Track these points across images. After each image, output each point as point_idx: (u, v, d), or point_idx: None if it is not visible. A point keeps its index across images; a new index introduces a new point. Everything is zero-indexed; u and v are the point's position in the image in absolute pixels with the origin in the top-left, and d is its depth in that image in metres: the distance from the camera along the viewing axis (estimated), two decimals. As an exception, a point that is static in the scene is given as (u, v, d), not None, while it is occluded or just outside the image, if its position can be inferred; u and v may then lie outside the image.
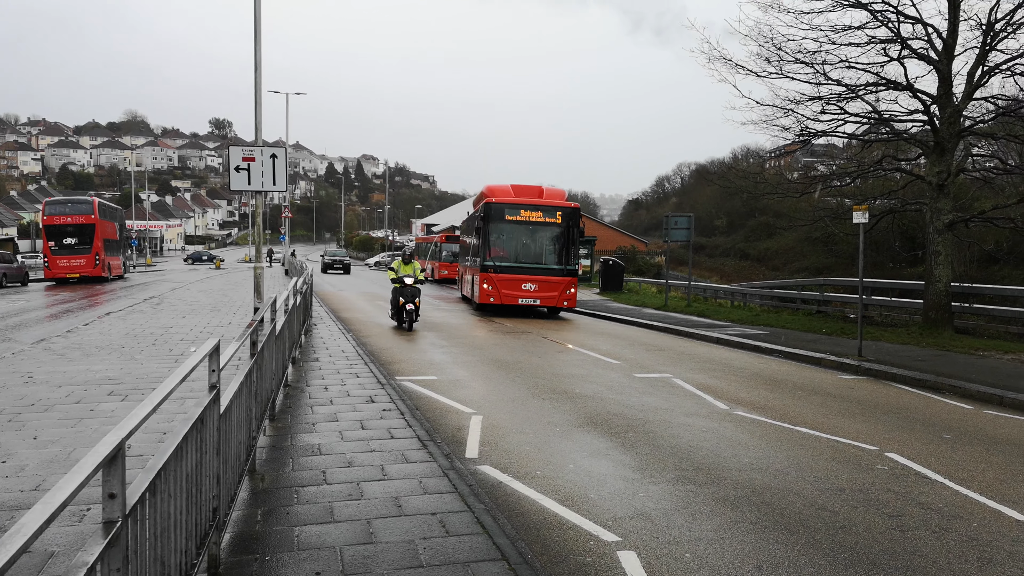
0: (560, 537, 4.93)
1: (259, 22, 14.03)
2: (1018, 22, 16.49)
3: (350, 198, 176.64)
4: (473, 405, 8.94)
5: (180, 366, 3.43)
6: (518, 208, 21.22)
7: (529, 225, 21.32)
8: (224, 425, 4.20)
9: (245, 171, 12.98)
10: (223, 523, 4.26)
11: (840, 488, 6.19)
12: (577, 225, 21.41)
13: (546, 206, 21.44)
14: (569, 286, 21.17)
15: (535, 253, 21.66)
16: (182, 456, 3.22)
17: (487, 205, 21.35)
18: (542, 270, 21.24)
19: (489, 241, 21.17)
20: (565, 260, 21.40)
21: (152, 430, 6.75)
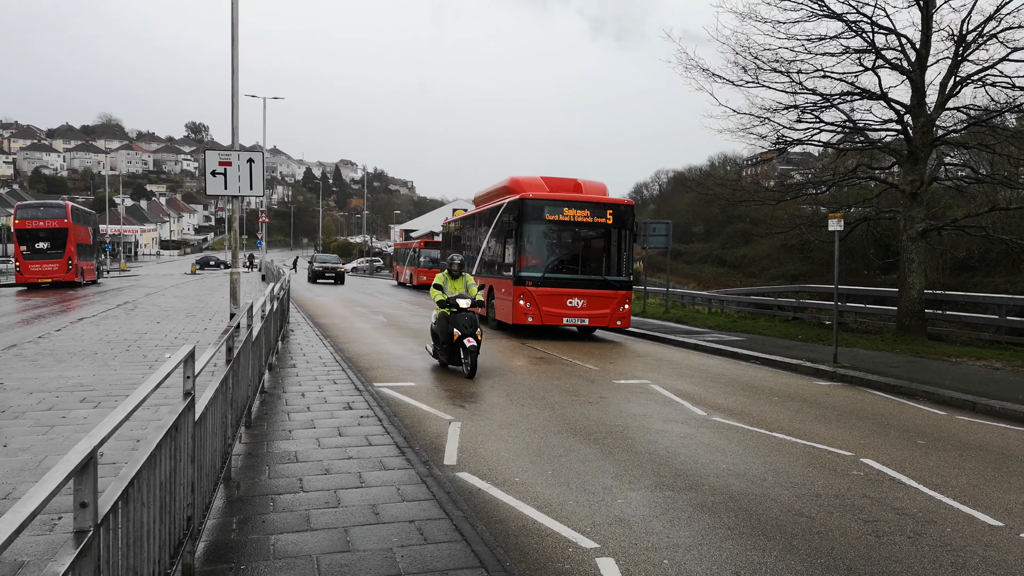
0: (539, 544, 4.92)
1: (236, 26, 13.95)
2: (989, 33, 16.79)
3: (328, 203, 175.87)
4: (451, 412, 8.91)
5: (154, 373, 3.38)
6: (560, 205, 17.28)
7: (575, 226, 17.58)
8: (199, 432, 4.15)
9: (222, 175, 12.88)
10: (198, 532, 4.21)
11: (816, 494, 6.23)
12: (631, 226, 17.77)
13: (594, 203, 17.59)
14: (623, 301, 17.51)
15: (582, 261, 18.19)
16: (156, 464, 3.17)
17: (521, 202, 17.35)
18: (591, 282, 17.48)
19: (524, 246, 17.26)
20: (618, 268, 17.75)
21: (125, 437, 6.65)
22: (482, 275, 20.67)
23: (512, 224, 17.69)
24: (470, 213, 24.65)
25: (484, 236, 21.09)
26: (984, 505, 6.12)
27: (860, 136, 19.74)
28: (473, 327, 11.23)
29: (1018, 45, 16.49)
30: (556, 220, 17.33)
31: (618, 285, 17.54)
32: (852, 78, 18.59)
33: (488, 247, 20.48)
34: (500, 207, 19.24)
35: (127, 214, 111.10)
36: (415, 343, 15.72)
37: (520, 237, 17.29)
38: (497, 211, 19.51)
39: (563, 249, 18.14)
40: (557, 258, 17.85)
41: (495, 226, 19.85)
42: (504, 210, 18.78)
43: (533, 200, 17.35)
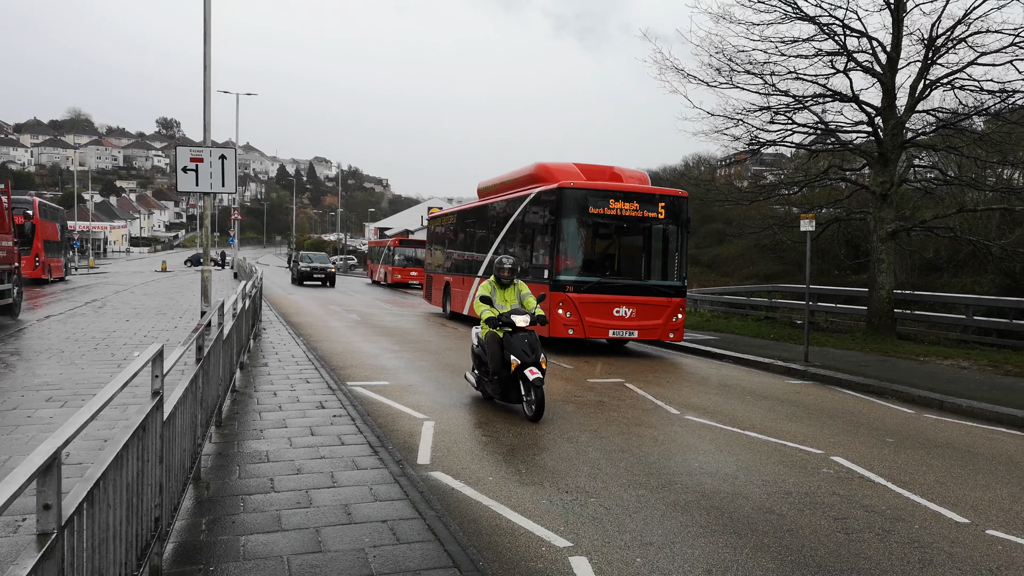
0: (512, 543, 4.92)
1: (209, 20, 13.78)
2: (958, 37, 17.06)
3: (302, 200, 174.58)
4: (425, 411, 8.88)
5: (122, 372, 3.33)
6: (606, 197, 14.73)
7: (622, 222, 14.98)
8: (167, 432, 4.09)
9: (193, 172, 12.72)
10: (166, 533, 4.15)
11: (787, 491, 6.29)
12: (686, 221, 15.52)
13: (645, 194, 15.19)
14: (677, 310, 15.08)
15: (630, 263, 15.87)
16: (122, 465, 3.12)
17: (560, 192, 14.73)
18: (641, 288, 15.06)
19: (563, 245, 14.66)
20: (671, 272, 15.35)
21: (92, 437, 6.55)
22: (461, 274, 19.72)
23: (546, 218, 15.23)
24: (472, 205, 21.71)
25: (498, 232, 18.36)
26: (951, 502, 6.21)
27: (832, 138, 19.98)
28: (535, 353, 8.64)
29: (986, 49, 16.78)
30: (601, 214, 14.69)
31: (672, 291, 15.13)
32: (824, 80, 18.81)
33: (504, 246, 17.86)
34: (525, 198, 16.61)
35: (96, 210, 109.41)
36: (389, 342, 15.65)
37: (557, 234, 14.67)
38: (520, 203, 16.89)
39: (609, 249, 15.96)
40: (602, 259, 15.62)
41: (517, 221, 17.12)
42: (532, 202, 16.21)
43: (575, 190, 14.68)
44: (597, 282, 14.76)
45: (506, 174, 19.74)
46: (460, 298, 20.96)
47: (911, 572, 4.72)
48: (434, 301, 24.32)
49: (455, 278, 22.00)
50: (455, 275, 22.05)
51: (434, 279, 24.56)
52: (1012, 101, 17.02)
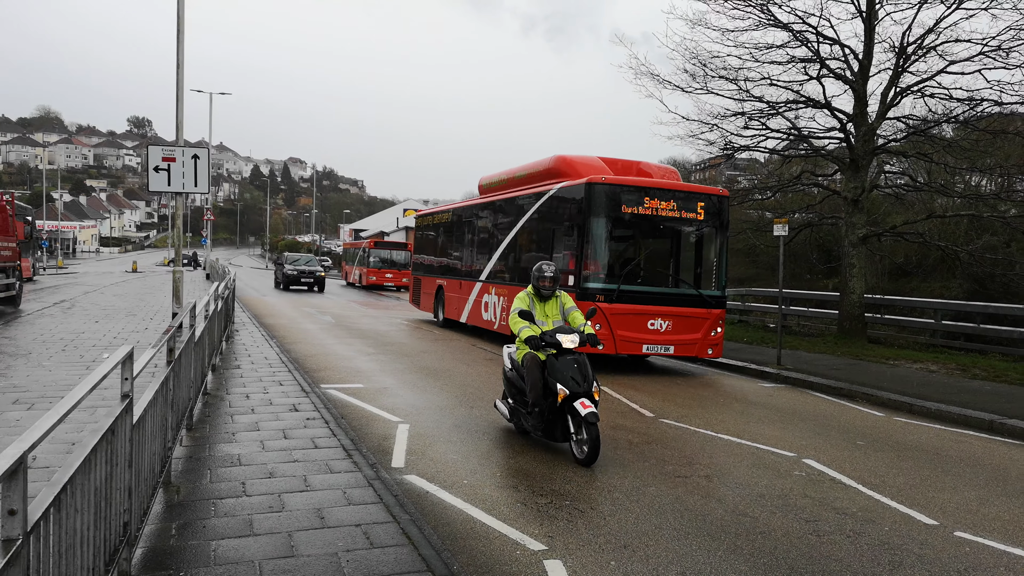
0: (487, 547, 4.90)
1: (182, 19, 13.63)
2: (928, 46, 17.34)
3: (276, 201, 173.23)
4: (400, 413, 8.84)
5: (91, 374, 3.27)
6: (640, 194, 13.04)
7: (658, 222, 13.34)
8: (137, 436, 4.03)
9: (165, 171, 12.57)
10: (135, 538, 4.09)
11: (760, 494, 6.34)
12: (726, 223, 13.99)
13: (683, 192, 13.59)
14: (716, 323, 13.48)
15: (665, 269, 14.36)
16: (90, 469, 3.07)
17: (589, 189, 12.98)
18: (678, 298, 13.47)
19: (591, 248, 12.96)
20: (711, 279, 13.82)
21: (60, 440, 6.44)
22: (503, 282, 16.51)
23: (570, 217, 13.69)
24: (473, 202, 19.60)
25: (506, 233, 16.64)
26: (920, 504, 6.30)
27: (804, 143, 20.20)
28: (587, 381, 7.14)
29: (955, 58, 17.07)
30: (635, 213, 13.03)
31: (712, 302, 13.54)
32: (797, 87, 19.03)
33: (514, 247, 16.21)
34: (542, 195, 15.00)
35: (65, 210, 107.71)
36: (364, 344, 15.57)
37: (585, 235, 12.98)
38: (536, 200, 15.27)
39: (642, 253, 14.46)
40: (635, 265, 14.00)
41: (532, 220, 15.47)
42: (552, 199, 14.57)
43: (606, 186, 12.97)
44: (631, 291, 13.00)
45: (515, 168, 17.82)
46: (456, 304, 19.22)
47: (881, 574, 4.78)
48: (423, 306, 22.56)
49: (450, 282, 20.14)
50: (450, 279, 20.18)
51: (423, 283, 22.67)
52: (980, 109, 17.33)
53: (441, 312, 20.67)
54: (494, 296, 16.86)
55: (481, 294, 17.62)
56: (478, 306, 17.76)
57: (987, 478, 7.30)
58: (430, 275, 22.14)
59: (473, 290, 18.12)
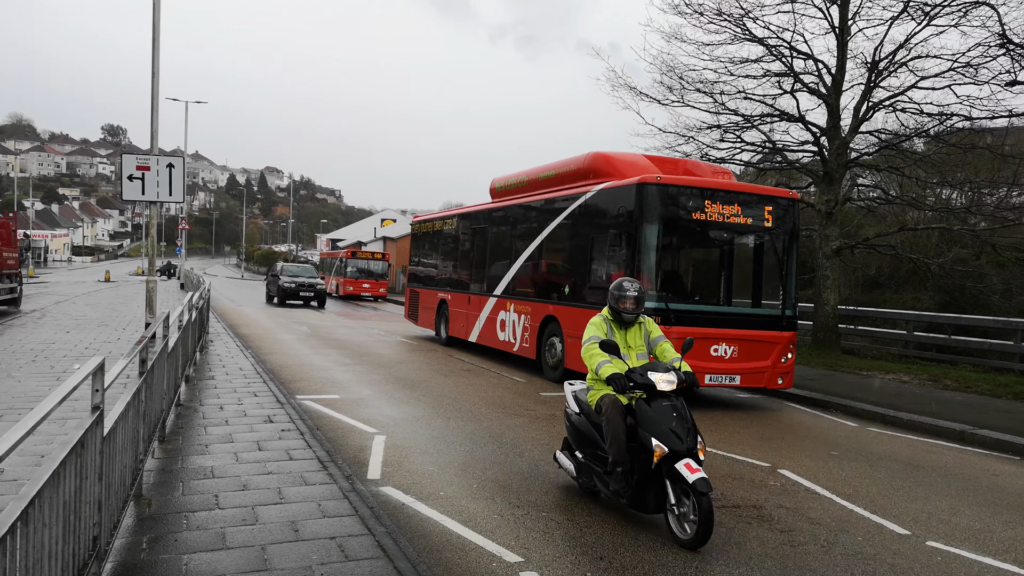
0: (463, 559, 4.88)
1: (158, 28, 13.54)
2: (900, 62, 17.64)
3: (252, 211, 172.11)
4: (376, 425, 8.79)
5: (61, 385, 3.23)
6: (701, 197, 11.11)
7: (721, 230, 11.73)
8: (108, 448, 3.97)
9: (139, 180, 12.45)
10: (104, 552, 4.02)
11: (735, 504, 6.37)
12: (795, 232, 12.04)
13: (750, 194, 11.78)
14: (787, 347, 11.58)
15: (728, 285, 12.56)
16: (59, 482, 3.02)
17: (642, 190, 11.07)
18: (744, 319, 11.67)
19: (644, 260, 10.97)
20: (780, 297, 11.81)
21: (29, 453, 6.33)
22: (525, 298, 14.50)
23: (616, 224, 11.79)
24: (485, 207, 17.31)
25: (528, 241, 14.60)
26: (893, 514, 6.36)
27: (779, 156, 20.42)
28: (691, 435, 5.51)
29: (926, 74, 17.36)
30: (694, 219, 11.17)
31: (782, 323, 11.64)
32: (772, 100, 19.25)
33: (539, 259, 14.25)
34: (576, 198, 13.02)
35: (37, 218, 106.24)
36: (340, 355, 15.47)
37: (635, 245, 11.04)
38: (569, 203, 13.20)
39: (703, 266, 12.79)
40: (695, 280, 12.53)
41: (563, 227, 13.38)
42: (592, 202, 12.53)
43: (661, 187, 11.01)
44: (690, 311, 11.22)
45: (537, 168, 15.73)
46: (464, 321, 17.30)
47: (855, 583, 4.82)
48: (422, 322, 20.43)
49: (456, 296, 18.08)
50: (456, 292, 18.07)
51: (422, 296, 20.53)
52: (950, 124, 17.62)
53: (444, 329, 18.68)
54: (513, 314, 14.83)
55: (496, 311, 15.63)
56: (492, 324, 15.74)
57: (959, 488, 7.39)
58: (430, 287, 20.06)
59: (486, 306, 16.09)
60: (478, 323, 16.42)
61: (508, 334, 15.04)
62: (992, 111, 16.68)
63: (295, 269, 35.91)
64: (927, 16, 16.68)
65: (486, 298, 16.16)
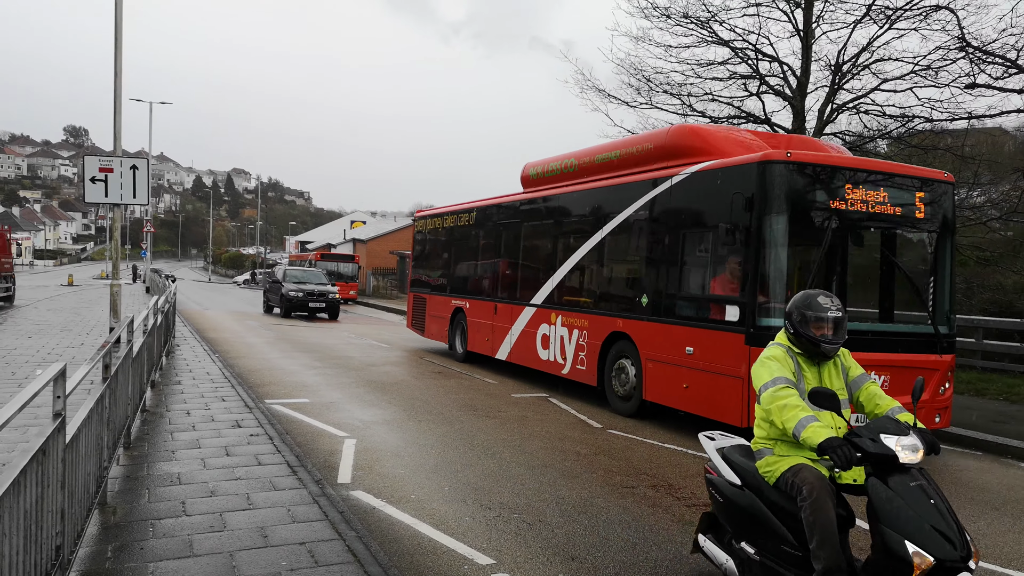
0: (434, 562, 4.86)
1: (120, 27, 13.33)
2: (863, 64, 17.92)
3: (219, 213, 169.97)
4: (347, 428, 8.72)
5: (21, 391, 3.15)
6: (843, 179, 8.63)
7: (868, 223, 8.96)
8: (70, 456, 3.89)
9: (102, 182, 12.24)
10: (68, 562, 3.94)
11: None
12: (952, 226, 9.65)
13: (899, 176, 9.04)
14: (945, 376, 9.04)
15: (871, 295, 9.86)
16: (20, 491, 2.95)
17: (767, 169, 8.56)
18: (894, 339, 8.97)
19: (770, 264, 8.48)
20: (935, 309, 9.18)
21: (-12, 462, 6.18)
22: (578, 309, 11.76)
23: (727, 215, 8.85)
24: (517, 197, 14.45)
25: (583, 239, 11.76)
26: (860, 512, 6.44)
27: (746, 158, 20.59)
28: (962, 535, 3.58)
29: (888, 76, 17.66)
30: (834, 209, 8.50)
31: (940, 343, 9.01)
32: (739, 102, 19.44)
33: (596, 260, 11.52)
34: (659, 183, 10.25)
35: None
36: (310, 358, 15.34)
37: (757, 243, 8.49)
38: (649, 190, 10.41)
39: (843, 270, 9.63)
40: (830, 288, 9.04)
41: (639, 221, 10.63)
42: (686, 187, 9.79)
43: (795, 166, 8.53)
44: None
45: (591, 149, 12.71)
46: (489, 334, 14.49)
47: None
48: (430, 333, 17.66)
49: (477, 304, 15.13)
50: (477, 299, 15.19)
51: (430, 303, 17.72)
52: (912, 126, 17.94)
53: (461, 343, 15.88)
54: (561, 328, 12.07)
55: (535, 324, 12.87)
56: (529, 340, 13.00)
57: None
58: (441, 293, 17.12)
59: (520, 318, 13.33)
60: (509, 337, 13.62)
61: (553, 352, 12.26)
62: (952, 113, 17.00)
63: (301, 274, 29.73)
64: (889, 20, 16.97)
65: (519, 307, 13.34)
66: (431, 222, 18.42)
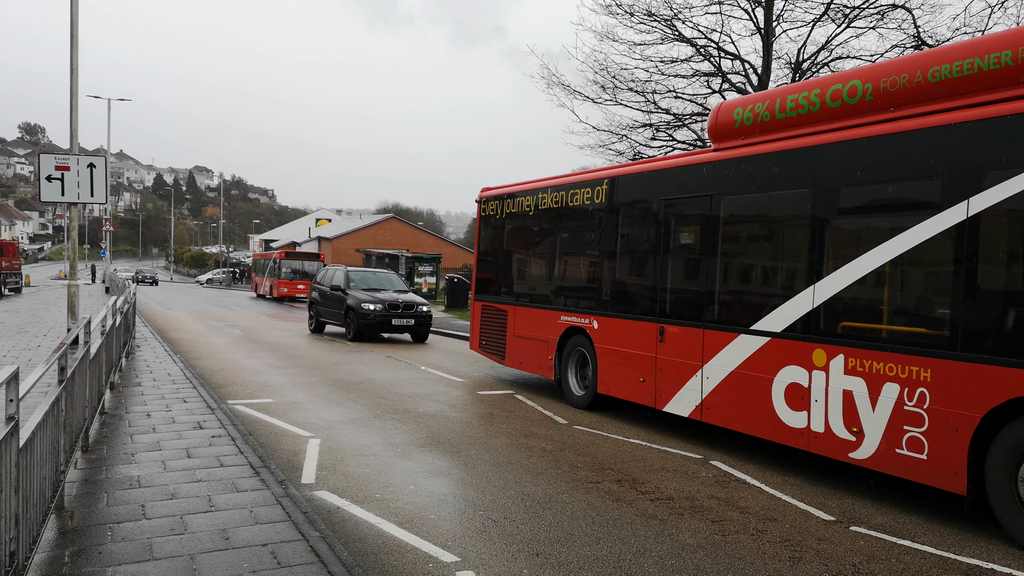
0: (398, 561, 4.85)
1: (76, 22, 13.07)
2: (822, 62, 18.22)
3: (181, 211, 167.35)
4: (311, 428, 8.66)
5: (-30, 396, 3.09)
6: None
7: None
8: (24, 460, 3.82)
9: (59, 181, 12.00)
10: (23, 567, 3.87)
11: (669, 496, 6.49)
12: None
13: None
14: None
15: None
16: (-30, 497, 2.90)
17: None
18: None
19: None
20: None
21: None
22: (894, 347, 6.61)
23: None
24: (703, 157, 9.12)
25: (899, 224, 6.71)
26: (818, 502, 6.57)
27: (710, 154, 20.80)
28: None
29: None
30: None
31: None
32: (702, 99, 19.64)
33: (942, 260, 6.37)
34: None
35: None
36: (274, 357, 15.19)
37: None
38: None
39: None
40: None
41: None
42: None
43: None
44: None
45: (881, 65, 7.54)
46: (642, 372, 9.51)
47: (783, 570, 4.96)
48: (514, 360, 12.53)
49: (621, 325, 10.01)
50: (623, 317, 10.01)
51: (518, 318, 12.46)
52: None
53: (577, 379, 11.07)
54: (842, 378, 7.08)
55: (770, 365, 7.78)
56: (755, 390, 7.88)
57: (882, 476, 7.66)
58: (538, 305, 11.99)
59: (727, 352, 8.27)
60: (698, 381, 8.60)
61: (819, 417, 7.29)
62: (909, 110, 17.35)
63: (372, 278, 21.46)
64: (847, 19, 17.28)
65: (725, 335, 8.30)
66: (518, 202, 12.82)
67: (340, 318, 20.36)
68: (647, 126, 20.00)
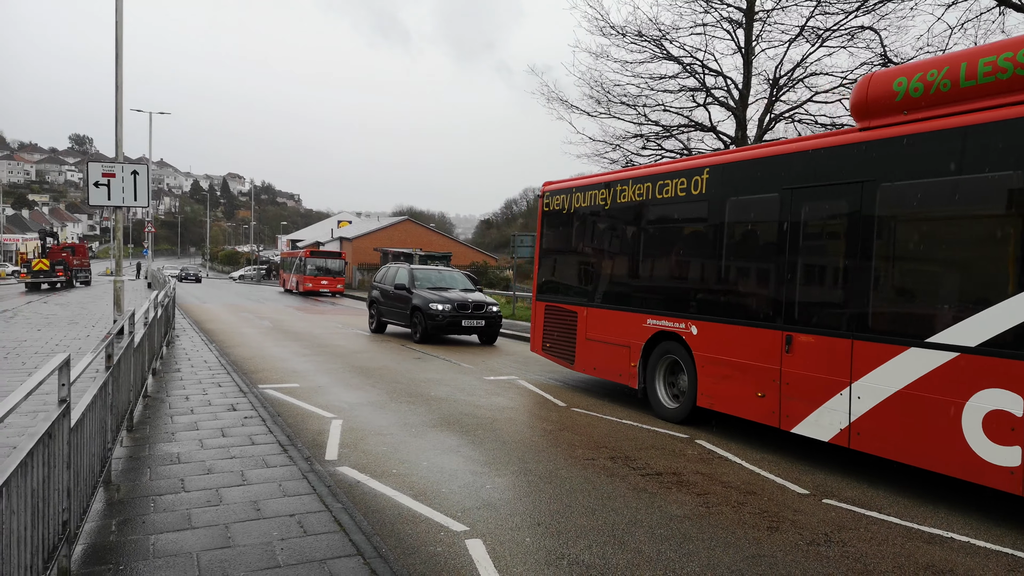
0: (413, 530, 4.86)
1: (120, 44, 13.05)
2: (797, 79, 18.16)
3: (216, 214, 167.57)
4: (334, 410, 8.67)
5: (28, 380, 3.10)
6: None
7: None
8: (75, 438, 3.83)
9: (105, 186, 12.00)
10: (75, 535, 3.89)
11: (658, 472, 6.49)
12: None
13: None
14: None
15: None
16: (27, 472, 2.91)
17: None
18: None
19: None
20: None
21: (1, 445, 6.07)
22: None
23: None
24: (844, 138, 6.86)
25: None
26: (794, 477, 6.56)
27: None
28: None
29: (819, 89, 17.91)
30: None
31: None
32: (688, 112, 19.59)
33: None
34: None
35: (8, 223, 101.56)
36: (300, 346, 15.21)
37: None
38: None
39: None
40: None
41: None
42: None
43: None
44: None
45: None
46: (760, 386, 7.47)
47: (761, 538, 4.96)
48: (584, 365, 10.60)
49: (729, 332, 7.96)
50: (733, 323, 7.91)
51: (588, 320, 10.47)
52: (842, 133, 18.14)
53: (672, 390, 9.14)
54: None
55: (959, 386, 5.67)
56: (930, 415, 5.84)
57: (851, 454, 7.65)
58: (615, 306, 9.95)
59: (893, 366, 6.17)
60: (845, 402, 6.58)
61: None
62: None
63: (435, 277, 18.53)
64: (820, 39, 17.21)
65: (888, 348, 6.24)
66: (590, 196, 10.73)
67: (405, 318, 17.56)
68: (638, 136, 19.96)
